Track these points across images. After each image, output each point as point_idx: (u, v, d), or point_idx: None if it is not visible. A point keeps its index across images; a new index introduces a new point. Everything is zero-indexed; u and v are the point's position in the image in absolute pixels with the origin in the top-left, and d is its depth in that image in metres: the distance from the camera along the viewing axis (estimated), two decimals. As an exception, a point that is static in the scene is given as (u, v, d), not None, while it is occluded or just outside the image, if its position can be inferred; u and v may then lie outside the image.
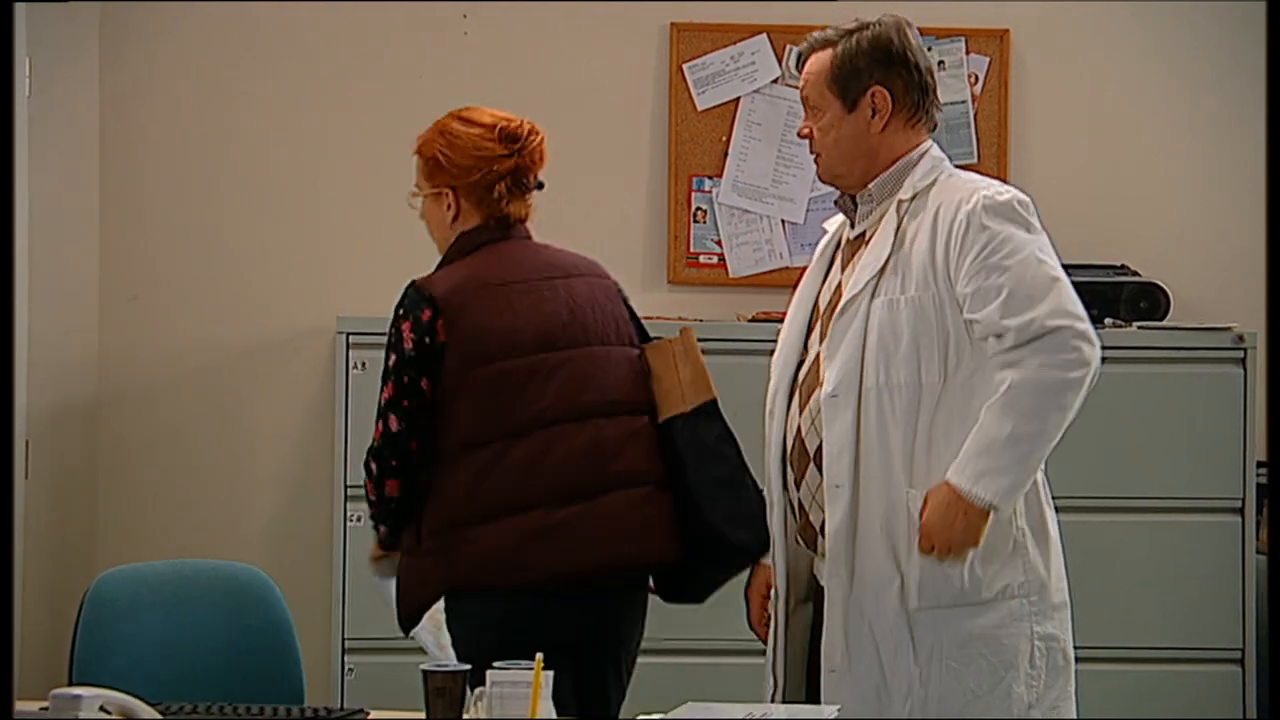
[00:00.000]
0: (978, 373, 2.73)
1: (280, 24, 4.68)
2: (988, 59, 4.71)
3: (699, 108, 4.71)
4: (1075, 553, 4.19)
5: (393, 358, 2.97)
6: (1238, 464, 4.22)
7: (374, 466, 2.97)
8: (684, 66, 4.72)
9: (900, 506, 2.72)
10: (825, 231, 3.06)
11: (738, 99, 4.71)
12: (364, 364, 4.20)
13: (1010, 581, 2.72)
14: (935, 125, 2.91)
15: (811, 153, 2.94)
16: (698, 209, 4.72)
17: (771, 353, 4.15)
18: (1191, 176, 4.73)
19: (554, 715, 2.24)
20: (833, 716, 2.35)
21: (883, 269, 2.78)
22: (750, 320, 4.47)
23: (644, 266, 4.73)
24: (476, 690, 2.32)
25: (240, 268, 4.65)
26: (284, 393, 4.60)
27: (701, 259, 4.73)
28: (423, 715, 2.45)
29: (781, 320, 4.31)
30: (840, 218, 3.00)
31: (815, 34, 2.94)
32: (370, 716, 2.63)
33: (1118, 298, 4.49)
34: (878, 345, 2.75)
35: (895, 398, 2.74)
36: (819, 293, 2.94)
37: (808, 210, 4.72)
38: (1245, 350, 4.24)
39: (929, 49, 4.65)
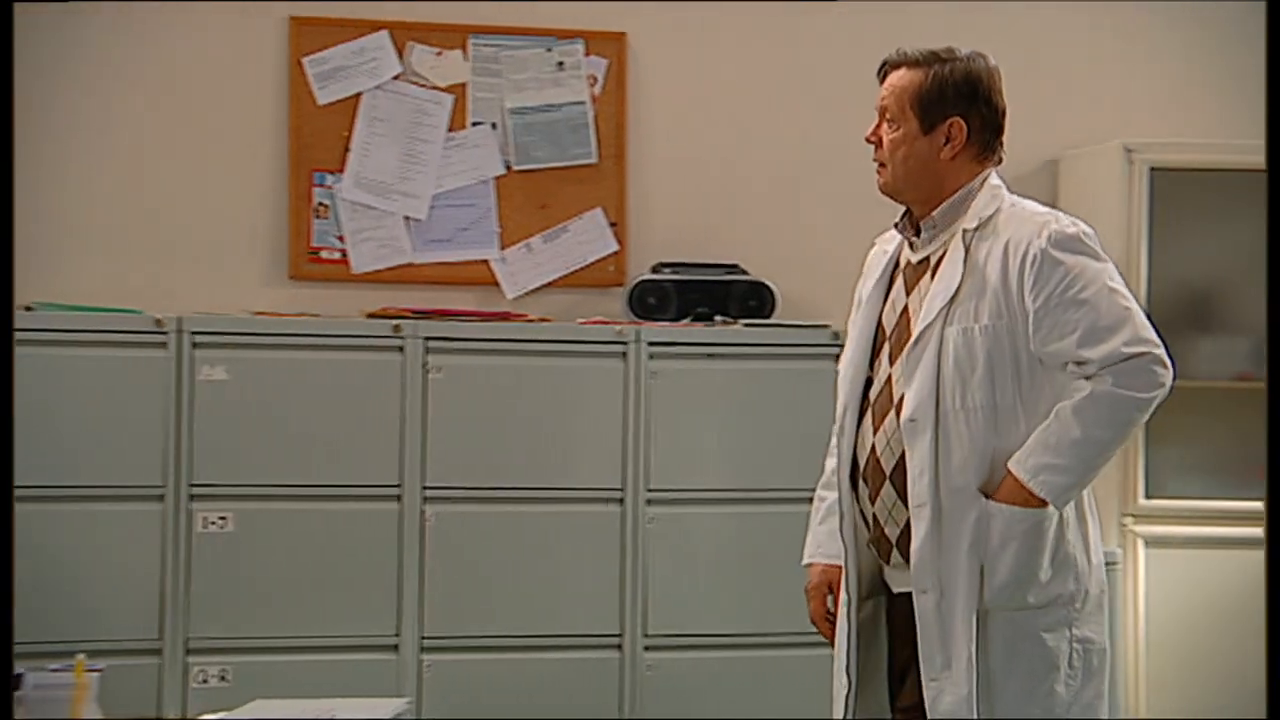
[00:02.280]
0: (1047, 392, 2.87)
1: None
2: (606, 61, 4.81)
3: (319, 102, 4.68)
4: (689, 544, 4.37)
5: None
6: (834, 455, 4.40)
7: None
8: (303, 60, 4.68)
9: (982, 519, 2.84)
10: (881, 250, 3.13)
11: (359, 94, 4.70)
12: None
13: (1061, 591, 2.87)
14: (1000, 161, 3.02)
15: (875, 160, 3.01)
16: (319, 204, 4.69)
17: (389, 350, 4.26)
18: (797, 181, 4.92)
19: (99, 715, 2.20)
20: (396, 714, 2.36)
21: (954, 297, 2.89)
22: (369, 316, 4.46)
23: (265, 262, 4.68)
24: (15, 694, 2.27)
25: None
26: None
27: (323, 254, 4.70)
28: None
29: (403, 316, 4.38)
30: (894, 236, 3.09)
31: (907, 49, 3.00)
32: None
33: (728, 296, 4.64)
34: (954, 371, 2.87)
35: (971, 420, 2.86)
36: (881, 313, 3.04)
37: (432, 207, 4.74)
38: (841, 346, 4.36)
39: (548, 50, 4.80)
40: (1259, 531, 4.59)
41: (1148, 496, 4.58)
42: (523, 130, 4.78)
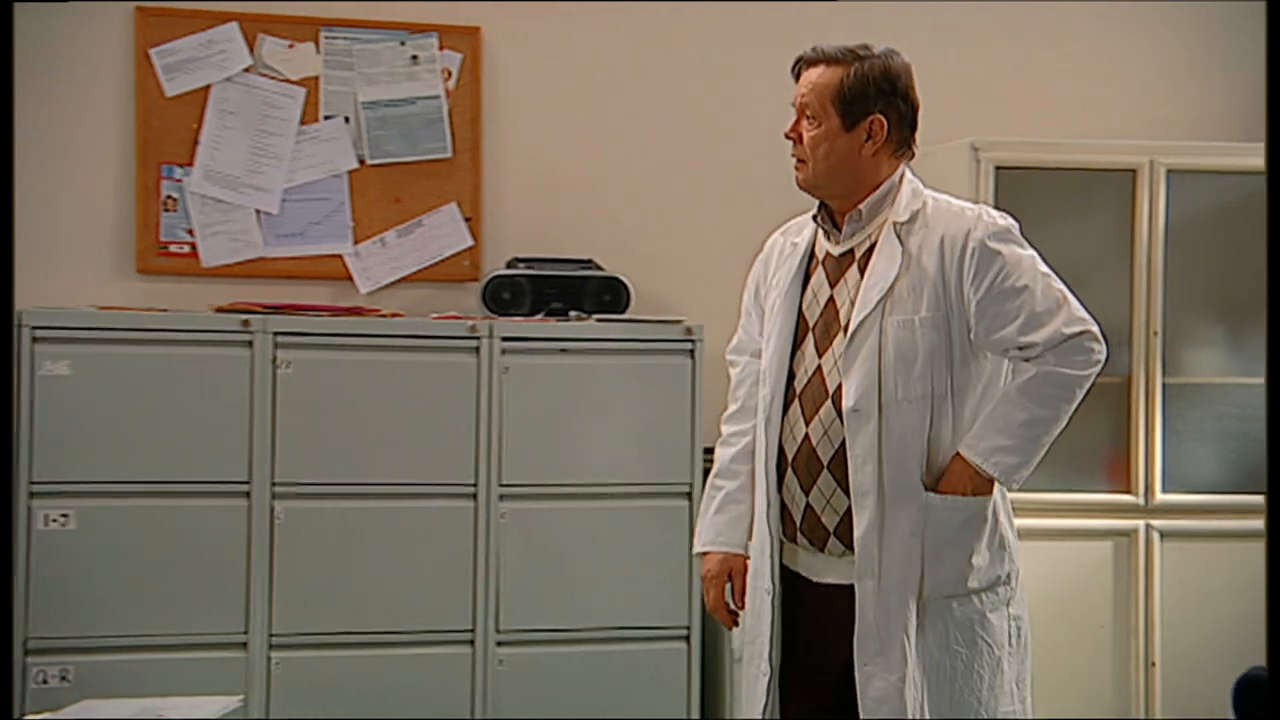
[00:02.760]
0: (975, 380, 2.99)
1: None
2: (461, 55, 4.80)
3: (168, 94, 4.61)
4: (538, 539, 4.37)
5: None
6: (687, 450, 4.43)
7: None
8: (151, 51, 4.61)
9: (923, 509, 2.94)
10: (788, 241, 3.17)
11: (209, 86, 4.64)
12: None
13: (999, 573, 3.01)
14: (914, 156, 3.09)
15: (794, 156, 3.04)
16: (168, 197, 4.63)
17: (237, 345, 4.19)
18: (653, 177, 4.94)
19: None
20: (225, 712, 2.33)
21: (890, 289, 2.97)
22: (218, 311, 4.40)
23: (113, 255, 4.61)
24: None
25: None
26: None
27: (173, 248, 4.64)
28: None
29: (251, 310, 4.33)
30: (801, 227, 3.14)
31: (823, 47, 3.04)
32: None
33: (583, 291, 4.65)
34: (895, 362, 2.95)
35: (913, 409, 2.95)
36: (801, 305, 3.08)
37: (284, 201, 4.69)
38: (694, 342, 4.45)
39: (401, 43, 4.78)
40: (1104, 523, 4.70)
41: (994, 489, 4.66)
42: (376, 124, 4.75)
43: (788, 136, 3.05)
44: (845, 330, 2.99)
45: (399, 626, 4.29)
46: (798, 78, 3.06)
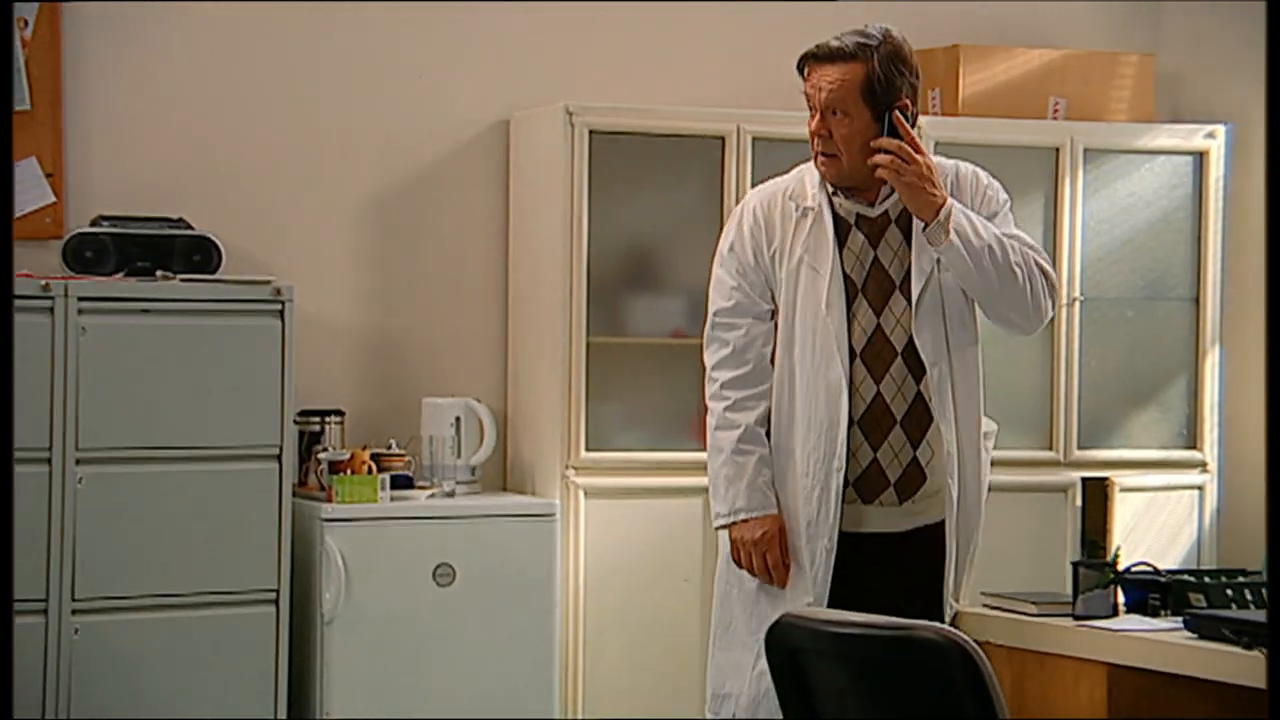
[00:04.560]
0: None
1: None
2: (36, 3, 4.58)
3: None
4: (121, 505, 4.25)
5: None
6: (276, 412, 4.35)
7: None
8: None
9: (979, 445, 3.23)
10: (793, 204, 3.22)
11: None
12: None
13: None
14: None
15: (822, 151, 3.14)
16: None
17: None
18: (246, 134, 4.81)
19: None
20: None
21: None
22: None
23: None
24: None
25: None
26: None
27: None
28: None
29: None
30: (807, 192, 3.20)
31: (832, 44, 3.12)
32: None
33: (171, 250, 4.52)
34: (956, 314, 3.17)
35: (969, 355, 3.22)
36: (844, 267, 3.17)
37: None
38: (284, 303, 4.36)
39: (-33, -7, 4.54)
40: (692, 480, 4.81)
41: (589, 449, 4.73)
42: (-56, 73, 4.51)
43: (816, 134, 3.13)
44: (901, 288, 3.16)
45: (-35, 598, 4.10)
46: (805, 75, 3.15)
